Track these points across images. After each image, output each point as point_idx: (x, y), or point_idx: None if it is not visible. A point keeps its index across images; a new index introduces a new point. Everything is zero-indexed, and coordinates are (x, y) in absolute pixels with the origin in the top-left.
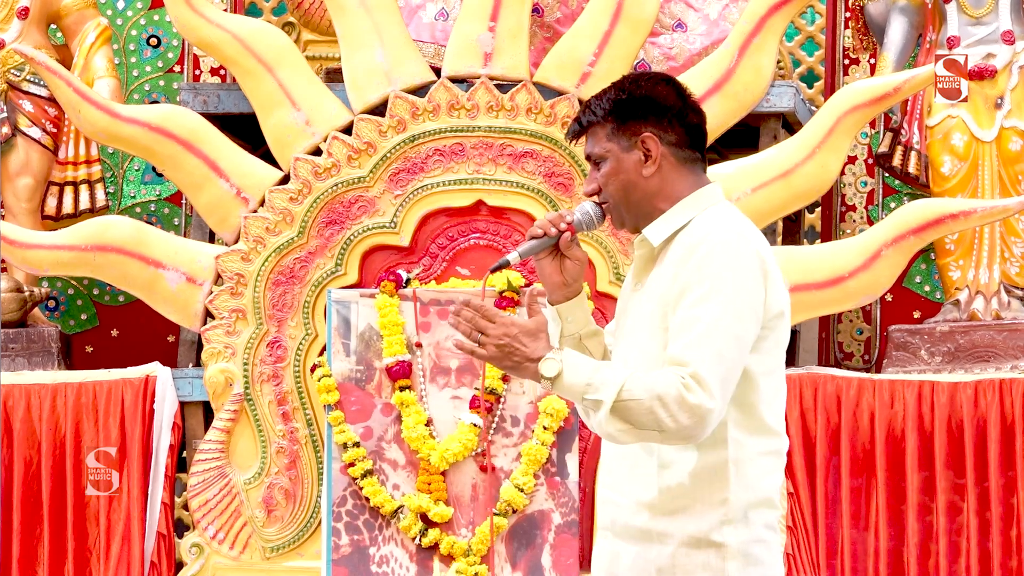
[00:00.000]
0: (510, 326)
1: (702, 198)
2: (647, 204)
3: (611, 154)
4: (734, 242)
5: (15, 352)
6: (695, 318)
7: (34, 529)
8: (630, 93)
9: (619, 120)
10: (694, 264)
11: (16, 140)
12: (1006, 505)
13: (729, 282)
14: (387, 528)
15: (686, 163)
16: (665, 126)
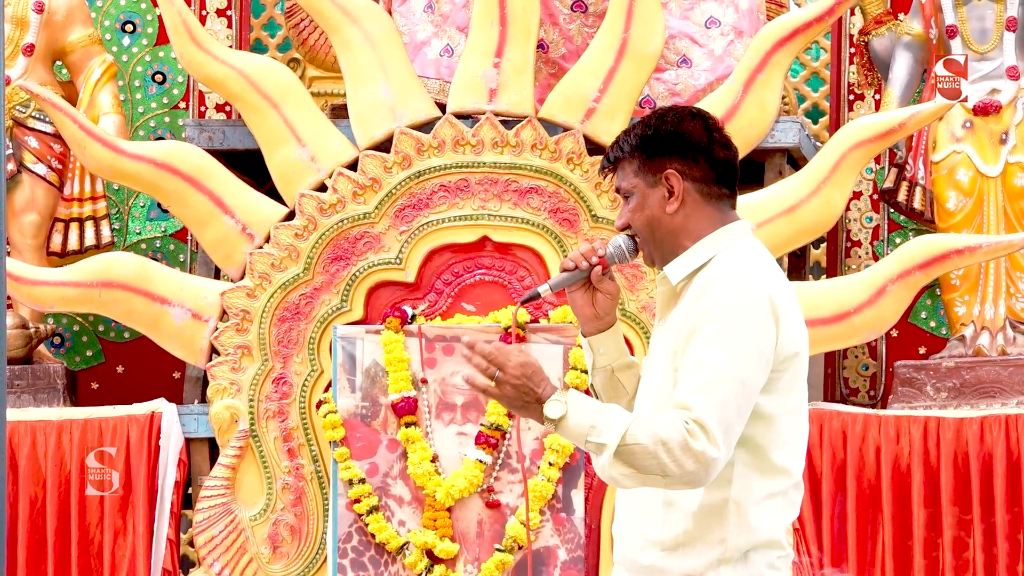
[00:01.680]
0: (527, 366)
1: (725, 236)
2: (671, 240)
3: (637, 190)
4: (744, 284)
5: (20, 388)
6: (702, 362)
7: (39, 566)
8: (656, 129)
9: (645, 156)
10: (703, 306)
11: (22, 177)
12: (1012, 541)
13: (736, 325)
14: (393, 564)
15: (711, 199)
16: (690, 162)
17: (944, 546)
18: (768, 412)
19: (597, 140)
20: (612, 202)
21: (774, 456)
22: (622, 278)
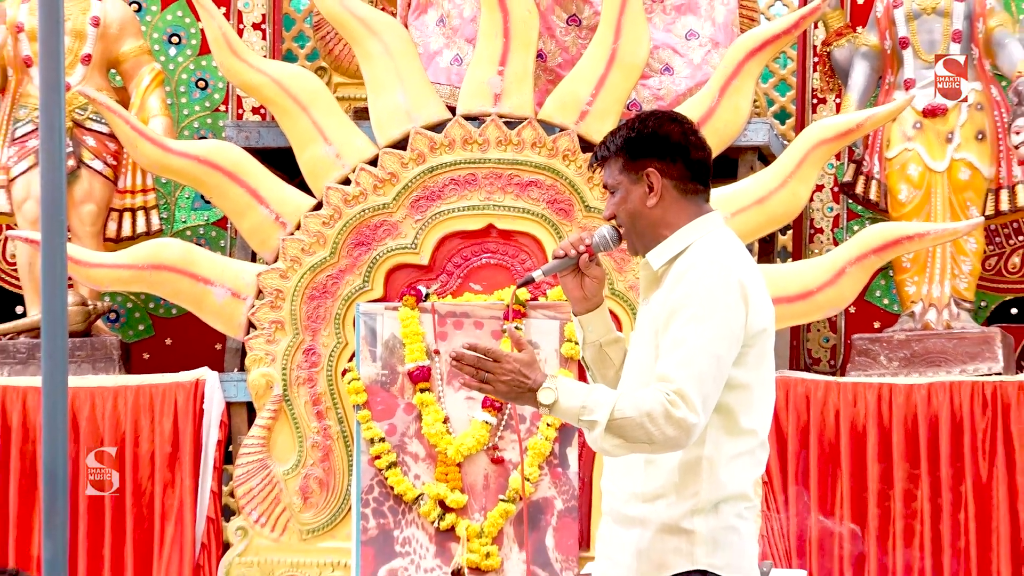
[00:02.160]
0: (513, 362)
1: (700, 226)
2: (651, 231)
3: (621, 185)
4: (717, 271)
5: (80, 359)
6: (681, 340)
7: (98, 516)
8: (639, 131)
9: (629, 155)
10: (681, 290)
11: (81, 171)
12: (955, 492)
13: (711, 307)
14: (409, 513)
15: (687, 194)
16: (669, 162)
17: (895, 497)
18: (739, 382)
19: (589, 139)
20: (603, 194)
21: (743, 420)
22: (611, 261)
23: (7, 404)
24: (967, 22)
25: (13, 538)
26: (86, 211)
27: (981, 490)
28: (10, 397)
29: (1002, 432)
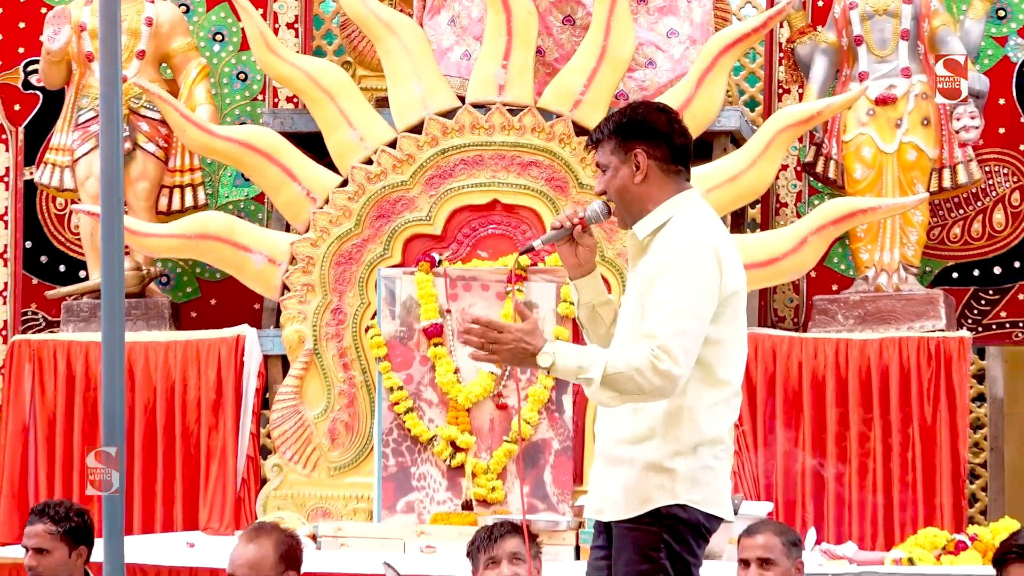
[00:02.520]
0: (516, 331)
1: (680, 201)
2: (637, 205)
3: (612, 165)
4: (694, 241)
5: (135, 317)
6: (664, 300)
7: (151, 454)
8: (629, 118)
9: (620, 138)
10: (663, 257)
11: (136, 153)
12: (903, 433)
13: (689, 272)
14: (424, 452)
15: (670, 174)
16: (654, 145)
17: (851, 438)
18: (716, 338)
19: (582, 125)
20: (594, 173)
21: (719, 372)
22: (602, 231)
23: (72, 357)
24: (914, 22)
25: (77, 473)
26: (140, 188)
27: (926, 432)
28: (75, 350)
29: (944, 381)
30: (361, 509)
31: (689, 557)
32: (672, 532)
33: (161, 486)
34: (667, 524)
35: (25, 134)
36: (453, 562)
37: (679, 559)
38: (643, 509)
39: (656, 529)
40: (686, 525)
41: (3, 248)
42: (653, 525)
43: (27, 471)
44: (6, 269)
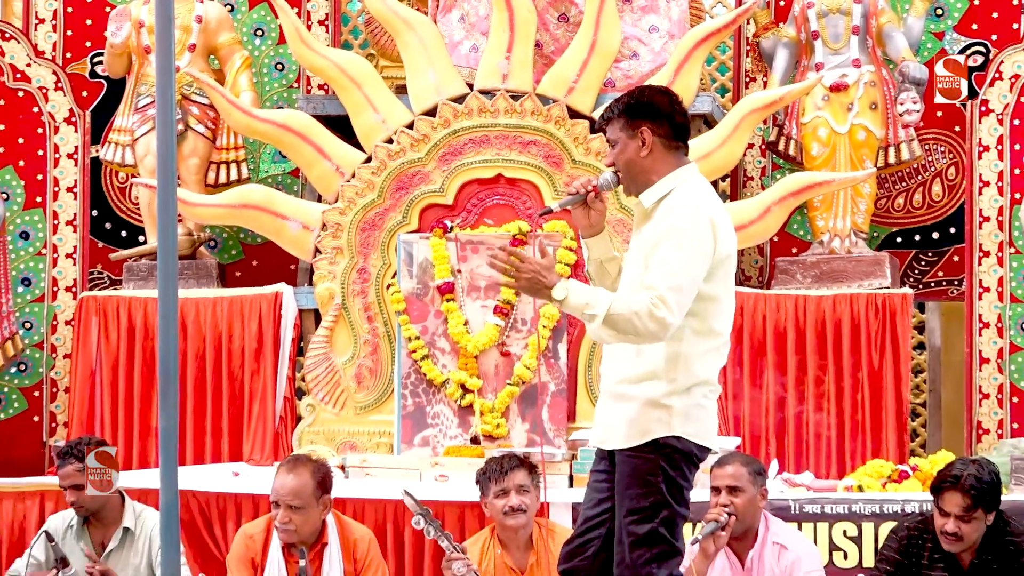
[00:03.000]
0: (535, 263)
1: (681, 174)
2: (643, 176)
3: (620, 140)
4: (693, 211)
5: (187, 276)
6: (664, 260)
7: (201, 396)
8: (637, 100)
9: (628, 117)
10: (666, 224)
11: (187, 133)
12: (853, 378)
13: (688, 238)
14: (438, 393)
15: (671, 150)
16: (659, 123)
17: (808, 381)
18: (709, 294)
19: (576, 109)
20: (586, 151)
21: (712, 324)
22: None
23: (132, 311)
24: (863, 19)
25: (138, 413)
26: (192, 163)
27: (873, 376)
28: (135, 305)
29: (889, 332)
30: (383, 443)
31: (682, 481)
32: (668, 459)
33: (210, 423)
34: (664, 453)
35: (91, 117)
36: (463, 489)
37: (674, 483)
38: (643, 440)
39: (654, 457)
40: (680, 454)
41: (73, 216)
42: (651, 453)
43: (94, 409)
44: (75, 235)
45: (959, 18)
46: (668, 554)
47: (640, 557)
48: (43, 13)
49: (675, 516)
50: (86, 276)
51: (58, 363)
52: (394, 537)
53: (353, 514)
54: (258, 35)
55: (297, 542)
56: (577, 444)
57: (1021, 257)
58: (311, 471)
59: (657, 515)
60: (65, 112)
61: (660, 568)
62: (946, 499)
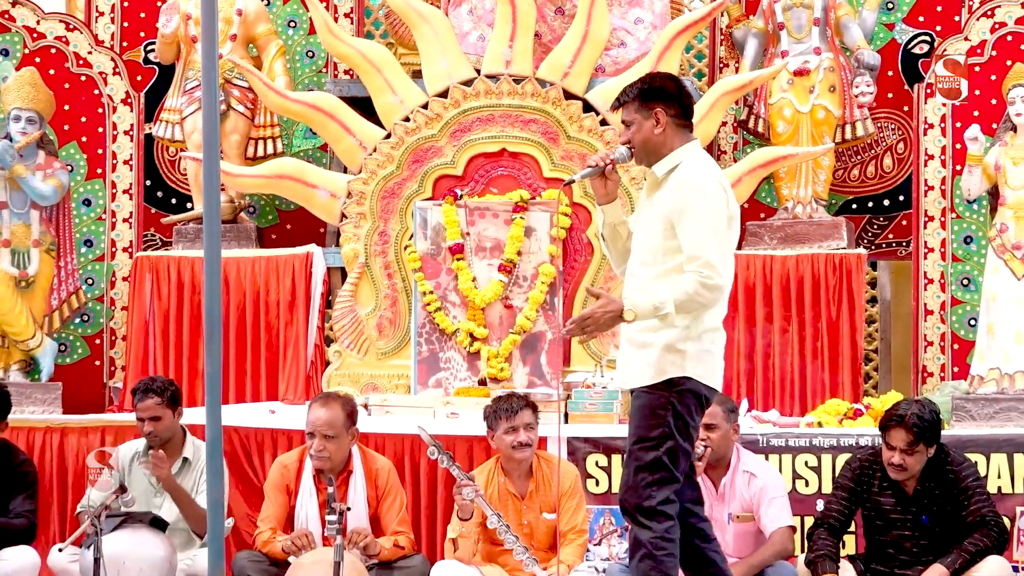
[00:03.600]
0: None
1: (688, 149)
2: (656, 151)
3: (636, 120)
4: (709, 180)
5: (229, 238)
6: (697, 232)
7: (242, 342)
8: (651, 84)
9: (643, 100)
10: (687, 193)
11: (229, 113)
12: (814, 327)
13: (710, 205)
14: (449, 341)
15: (680, 128)
16: (669, 105)
17: (774, 331)
18: None
19: (570, 91)
20: (579, 128)
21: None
22: None
23: (181, 269)
24: (823, 12)
25: (186, 358)
26: (233, 139)
27: (831, 326)
28: (183, 264)
29: (846, 288)
30: (401, 384)
31: (689, 418)
32: (679, 396)
33: (249, 367)
34: (676, 391)
35: (145, 99)
36: (472, 425)
37: (681, 418)
38: (659, 379)
39: (667, 393)
40: (690, 393)
41: (129, 186)
42: (664, 391)
43: (148, 355)
44: (131, 202)
45: (907, 11)
46: (668, 480)
47: (643, 480)
48: (102, 7)
49: (678, 448)
50: (141, 238)
51: (116, 315)
52: (411, 467)
53: (375, 447)
54: (291, 26)
55: (328, 469)
56: (571, 386)
57: (961, 221)
58: (342, 405)
59: (662, 445)
60: (122, 94)
61: (659, 491)
62: (892, 435)
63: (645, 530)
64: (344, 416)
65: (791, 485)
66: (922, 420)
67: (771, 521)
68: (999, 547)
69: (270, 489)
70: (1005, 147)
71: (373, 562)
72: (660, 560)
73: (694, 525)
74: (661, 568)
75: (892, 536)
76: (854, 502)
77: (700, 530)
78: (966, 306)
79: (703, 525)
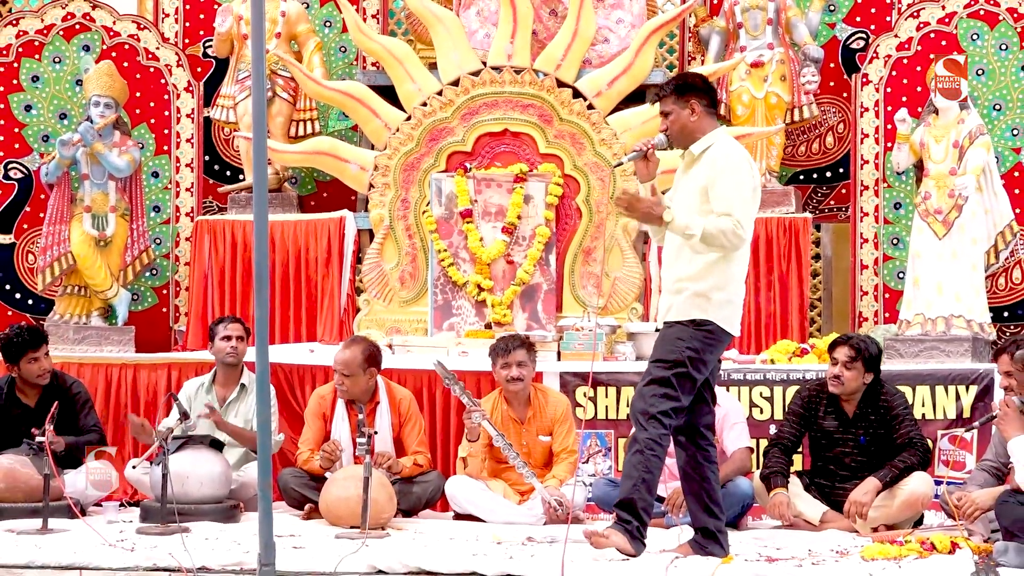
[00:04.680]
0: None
1: (717, 132)
2: (693, 135)
3: (674, 110)
4: (740, 155)
5: (274, 205)
6: (730, 195)
7: (286, 295)
8: (684, 81)
9: (679, 93)
10: (721, 165)
11: (275, 99)
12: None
13: (740, 174)
14: (460, 291)
15: (709, 115)
16: (700, 96)
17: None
18: None
19: (562, 80)
20: (569, 112)
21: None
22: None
23: (235, 231)
24: (776, 13)
25: (239, 306)
26: (278, 121)
27: (782, 279)
28: (236, 227)
29: (794, 246)
30: (420, 328)
31: (700, 353)
32: (697, 331)
33: (292, 313)
34: (696, 328)
35: (204, 87)
36: (479, 361)
37: (695, 351)
38: (685, 317)
39: (688, 328)
40: (710, 333)
41: (190, 160)
42: (687, 326)
43: (206, 303)
44: (192, 174)
45: (847, 12)
46: (671, 397)
47: (651, 391)
48: (168, 9)
49: (687, 375)
50: (200, 205)
51: (180, 269)
52: (428, 396)
53: (398, 380)
54: (327, 26)
55: (351, 399)
56: (563, 329)
57: (891, 190)
58: (361, 348)
59: (675, 368)
60: (184, 83)
61: (662, 402)
62: (837, 351)
63: (643, 431)
64: (361, 358)
65: (748, 412)
66: (863, 343)
67: (732, 443)
68: (924, 464)
69: (309, 416)
70: (928, 127)
71: (396, 477)
72: (648, 458)
73: (702, 445)
74: (647, 464)
75: (835, 453)
76: (803, 425)
77: (706, 450)
78: (895, 261)
79: (709, 448)
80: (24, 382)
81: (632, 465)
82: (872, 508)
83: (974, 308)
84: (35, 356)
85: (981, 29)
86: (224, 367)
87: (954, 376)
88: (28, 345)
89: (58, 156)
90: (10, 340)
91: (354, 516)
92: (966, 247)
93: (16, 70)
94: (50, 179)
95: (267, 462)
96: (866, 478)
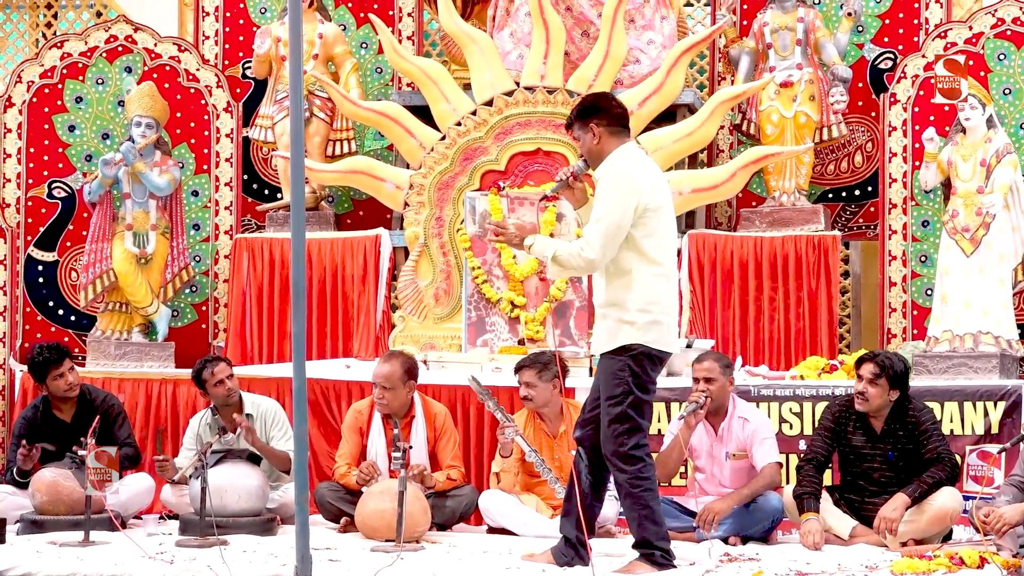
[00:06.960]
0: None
1: (620, 151)
2: (599, 157)
3: (581, 136)
4: (616, 173)
5: (312, 223)
6: (596, 213)
7: (323, 312)
8: (583, 106)
9: (580, 119)
10: (600, 187)
11: (312, 119)
12: (797, 297)
13: (611, 193)
14: (494, 308)
15: (612, 134)
16: (600, 117)
17: (764, 300)
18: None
19: None
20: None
21: (653, 255)
22: None
23: (272, 248)
24: (804, 34)
25: (277, 322)
26: (315, 141)
27: (812, 296)
28: (274, 244)
29: (823, 264)
30: (454, 344)
31: (644, 376)
32: (633, 359)
33: (328, 329)
34: (630, 355)
35: (243, 108)
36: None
37: (638, 377)
38: (614, 345)
39: (623, 358)
40: (643, 355)
41: (229, 179)
42: (620, 355)
43: (245, 319)
44: (231, 192)
45: (875, 33)
46: (635, 429)
47: (615, 431)
48: (208, 31)
49: (640, 401)
50: (239, 222)
51: (219, 286)
52: (462, 412)
53: (433, 395)
54: (363, 47)
55: (390, 414)
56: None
57: (919, 208)
58: (401, 361)
59: (626, 400)
60: (224, 104)
61: (630, 438)
62: (862, 368)
63: (621, 473)
64: (401, 371)
65: (778, 428)
66: (889, 360)
67: (762, 458)
68: (952, 479)
69: (346, 430)
70: (956, 146)
71: (430, 491)
72: (639, 495)
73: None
74: (641, 501)
75: (863, 468)
76: (833, 440)
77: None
78: (923, 279)
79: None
80: (56, 398)
81: (628, 508)
82: (901, 523)
83: (1002, 324)
84: (60, 372)
85: (1008, 49)
86: (225, 408)
87: (982, 392)
88: (52, 362)
89: (100, 175)
90: (34, 360)
91: (389, 529)
92: (993, 264)
93: (60, 91)
94: (92, 198)
95: (303, 476)
96: (895, 494)
